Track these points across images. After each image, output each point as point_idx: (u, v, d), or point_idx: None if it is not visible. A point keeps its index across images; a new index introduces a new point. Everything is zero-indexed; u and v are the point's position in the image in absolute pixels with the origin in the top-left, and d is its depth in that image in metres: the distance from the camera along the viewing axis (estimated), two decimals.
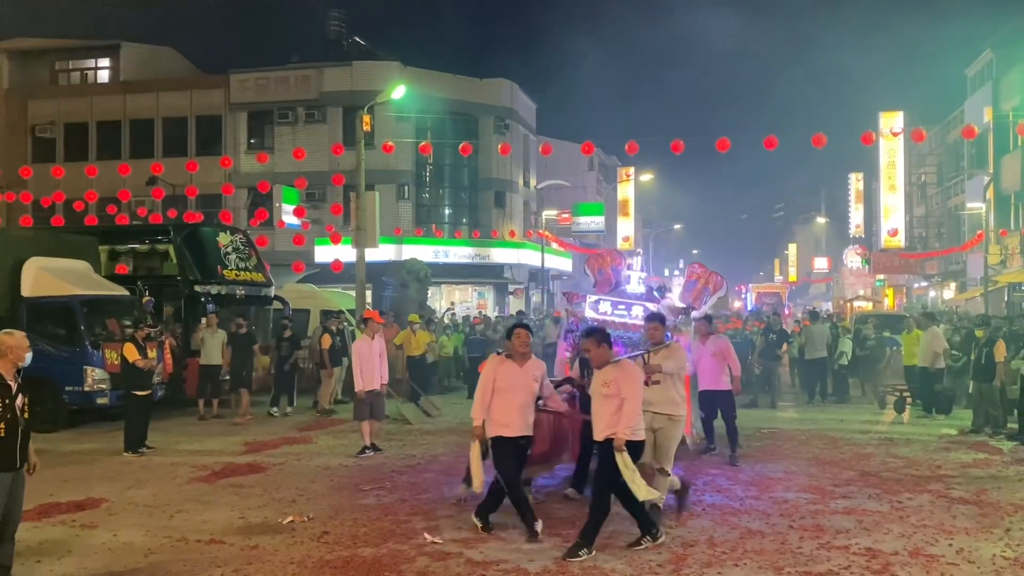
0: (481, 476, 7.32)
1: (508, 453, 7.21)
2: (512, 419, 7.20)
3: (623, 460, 6.57)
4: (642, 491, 6.61)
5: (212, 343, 14.88)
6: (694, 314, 10.57)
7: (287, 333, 16.02)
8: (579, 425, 8.37)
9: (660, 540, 6.88)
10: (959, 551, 6.80)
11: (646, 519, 6.92)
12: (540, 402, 7.75)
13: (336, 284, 26.16)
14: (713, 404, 10.99)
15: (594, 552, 6.64)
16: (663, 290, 10.44)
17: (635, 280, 10.26)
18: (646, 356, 7.86)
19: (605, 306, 9.81)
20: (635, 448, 6.72)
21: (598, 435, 6.81)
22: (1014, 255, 32.20)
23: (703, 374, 10.79)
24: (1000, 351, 12.74)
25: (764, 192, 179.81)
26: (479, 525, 7.36)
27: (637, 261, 11.55)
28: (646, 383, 7.23)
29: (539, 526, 7.12)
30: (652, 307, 9.65)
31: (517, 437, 7.23)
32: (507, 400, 7.22)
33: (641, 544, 6.81)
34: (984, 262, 31.77)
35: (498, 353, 8.05)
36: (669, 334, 8.30)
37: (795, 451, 11.44)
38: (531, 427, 7.36)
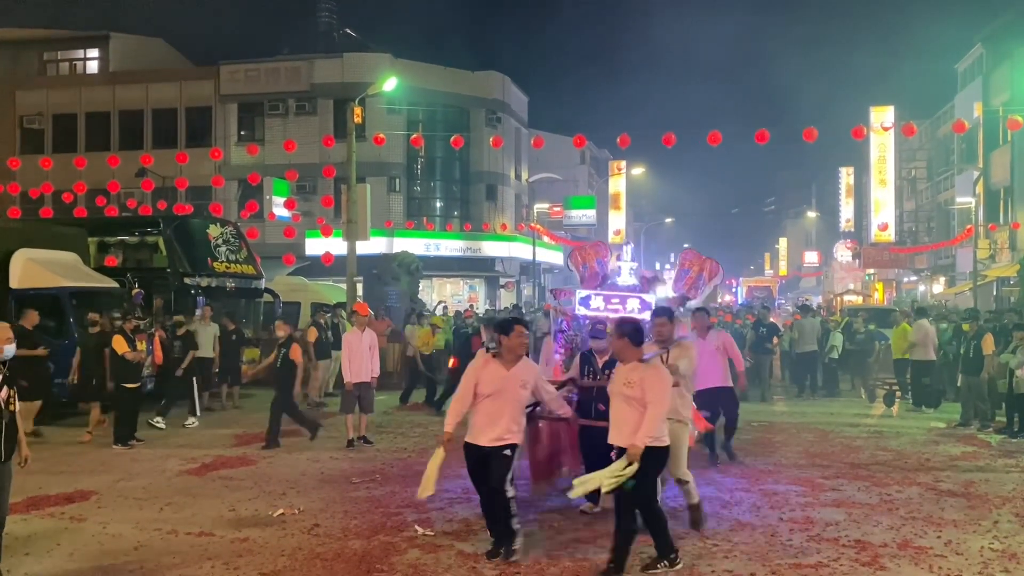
0: (433, 486, 6.48)
1: (475, 463, 6.45)
2: (487, 427, 6.37)
3: (619, 467, 5.85)
4: (588, 485, 6.02)
5: (204, 336, 14.79)
6: (690, 304, 9.71)
7: (181, 331, 14.01)
8: (575, 432, 7.77)
9: (678, 566, 6.20)
10: (947, 543, 6.85)
11: (666, 541, 6.20)
12: (537, 408, 7.31)
13: (327, 277, 26.11)
14: (716, 403, 9.86)
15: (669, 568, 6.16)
16: (655, 281, 9.84)
17: (626, 271, 9.50)
18: (663, 356, 7.03)
19: (597, 301, 9.08)
20: (661, 455, 6.08)
21: (616, 440, 6.05)
22: (1003, 250, 32.33)
23: (704, 372, 9.33)
24: (988, 345, 12.81)
25: (755, 186, 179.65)
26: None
27: (627, 251, 10.78)
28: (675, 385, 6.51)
29: (518, 543, 6.49)
30: (649, 299, 8.97)
31: (488, 446, 6.34)
32: (489, 407, 6.39)
33: (657, 569, 6.14)
34: (973, 256, 31.93)
35: (487, 349, 7.50)
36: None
37: (785, 444, 11.48)
38: (514, 436, 6.42)
